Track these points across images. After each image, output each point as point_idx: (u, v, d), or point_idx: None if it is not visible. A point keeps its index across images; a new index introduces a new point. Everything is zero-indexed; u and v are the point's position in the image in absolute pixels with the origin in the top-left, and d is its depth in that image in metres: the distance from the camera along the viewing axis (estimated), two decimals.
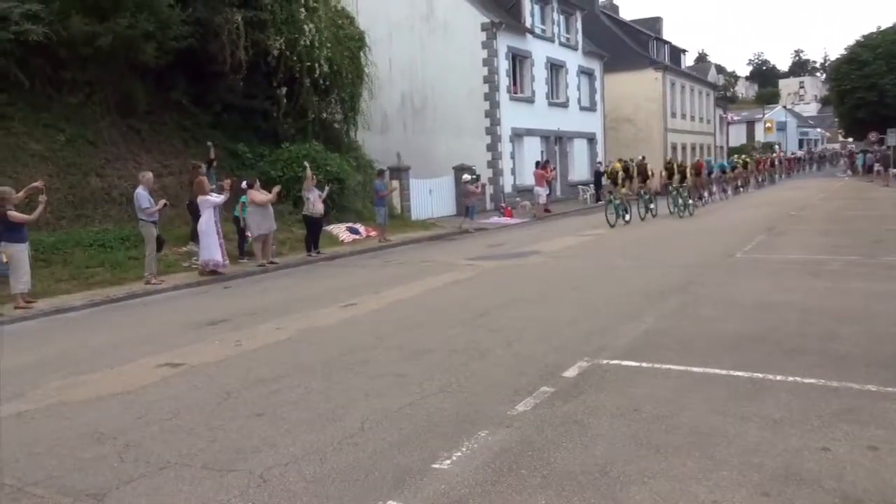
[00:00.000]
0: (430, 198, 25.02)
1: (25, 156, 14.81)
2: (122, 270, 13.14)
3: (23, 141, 15.00)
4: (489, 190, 27.91)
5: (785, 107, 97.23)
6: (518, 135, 29.97)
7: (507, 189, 28.80)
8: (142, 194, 12.57)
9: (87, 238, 13.95)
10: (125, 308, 11.04)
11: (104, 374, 6.84)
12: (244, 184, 14.54)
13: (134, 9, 15.76)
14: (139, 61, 16.62)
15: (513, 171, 29.40)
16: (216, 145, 17.05)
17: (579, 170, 35.40)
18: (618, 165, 28.03)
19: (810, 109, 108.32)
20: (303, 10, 19.87)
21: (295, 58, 19.69)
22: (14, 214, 10.47)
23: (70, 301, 11.21)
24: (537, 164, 27.46)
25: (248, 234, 14.59)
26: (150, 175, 13.12)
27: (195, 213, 13.69)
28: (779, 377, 5.56)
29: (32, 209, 11.01)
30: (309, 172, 15.95)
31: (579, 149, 35.74)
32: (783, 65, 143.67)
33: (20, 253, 10.64)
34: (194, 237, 14.00)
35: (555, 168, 30.33)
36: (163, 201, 13.02)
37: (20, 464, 4.62)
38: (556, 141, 33.43)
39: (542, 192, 25.87)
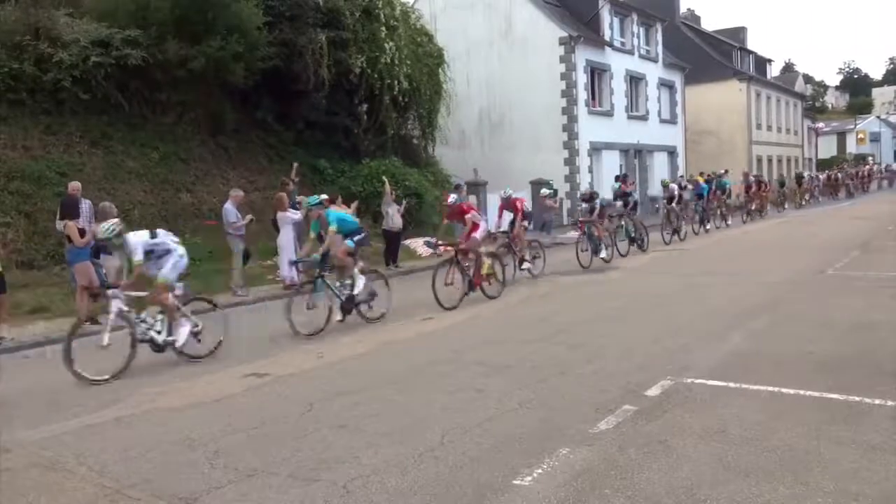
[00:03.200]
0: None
1: (123, 173, 15.63)
2: (210, 282, 13.62)
3: (120, 159, 15.84)
4: (566, 205, 27.66)
5: (879, 117, 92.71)
6: (596, 149, 29.62)
7: (584, 204, 28.43)
8: (229, 209, 13.04)
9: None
10: (210, 319, 11.41)
11: (194, 383, 7.11)
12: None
13: (225, 32, 16.47)
14: (228, 82, 17.32)
15: (591, 185, 29.03)
16: (299, 163, 17.51)
17: (659, 183, 34.61)
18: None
19: None
20: (383, 29, 20.31)
21: (375, 75, 20.11)
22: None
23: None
24: (616, 177, 27.03)
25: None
26: (241, 193, 13.62)
27: (278, 228, 14.10)
28: (877, 401, 5.29)
29: (128, 221, 11.58)
30: (388, 187, 16.19)
31: (659, 162, 35.02)
32: (876, 73, 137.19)
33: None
34: (277, 251, 14.41)
35: (634, 182, 29.79)
36: (249, 216, 13.45)
37: (118, 466, 4.85)
38: (636, 154, 32.88)
39: (619, 206, 25.38)
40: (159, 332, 7.92)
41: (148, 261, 7.80)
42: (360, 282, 9.89)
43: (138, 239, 7.78)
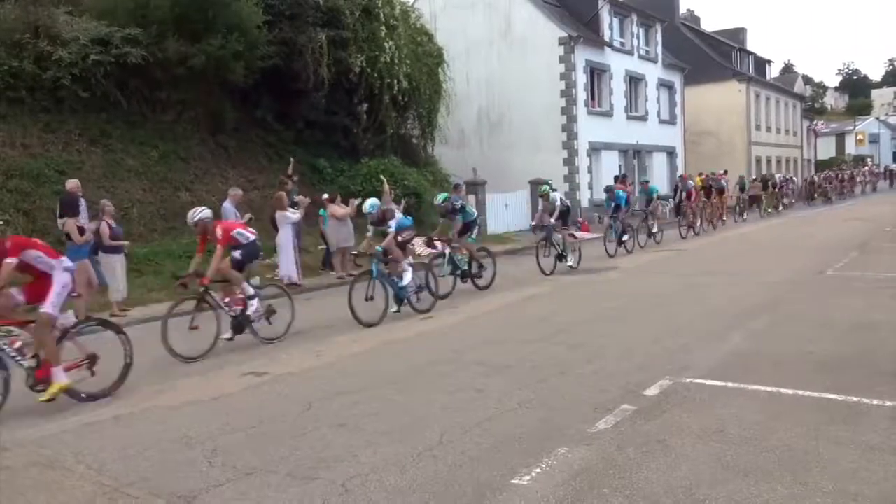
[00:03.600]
0: (506, 212, 24.97)
1: (122, 171, 15.62)
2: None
3: (120, 157, 15.83)
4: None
5: (878, 118, 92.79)
6: (595, 149, 29.63)
7: (584, 203, 28.47)
8: (228, 208, 13.03)
9: (177, 250, 14.52)
10: (211, 318, 11.41)
11: (193, 381, 7.11)
12: (325, 196, 14.95)
13: (225, 30, 16.46)
14: (228, 80, 17.31)
15: (590, 186, 29.05)
16: (298, 161, 17.50)
17: (658, 184, 34.57)
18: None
19: None
20: (383, 28, 20.30)
21: (375, 75, 20.11)
22: (106, 231, 10.99)
23: (161, 310, 11.64)
24: (616, 178, 27.05)
25: (322, 247, 15.01)
26: (239, 192, 13.62)
27: (277, 227, 14.09)
28: (876, 401, 5.29)
29: (127, 219, 11.62)
30: (386, 187, 16.18)
31: (658, 162, 35.03)
32: (876, 74, 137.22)
33: (117, 264, 11.18)
34: (276, 250, 14.40)
35: (633, 182, 29.83)
36: (248, 215, 13.43)
37: (116, 464, 4.84)
38: (635, 155, 32.89)
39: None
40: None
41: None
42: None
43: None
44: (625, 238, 17.65)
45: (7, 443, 5.38)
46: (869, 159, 73.04)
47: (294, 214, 13.72)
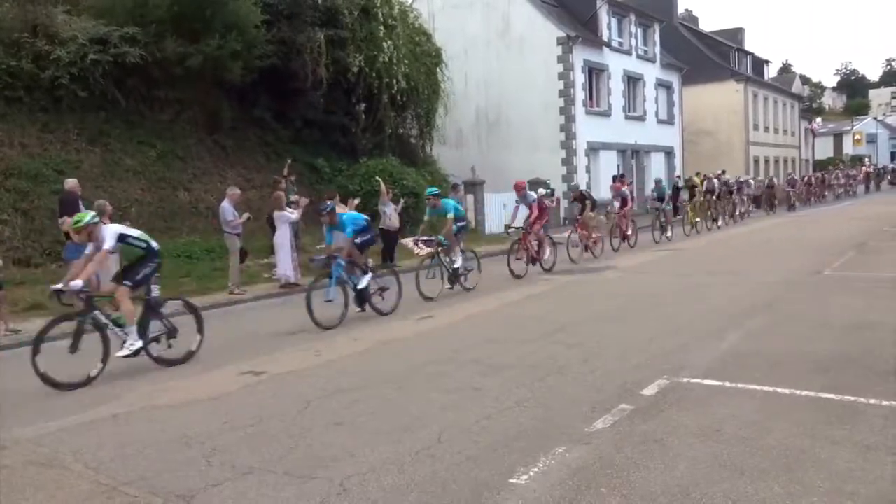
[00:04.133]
0: (504, 212, 24.95)
1: (120, 170, 15.63)
2: (207, 281, 13.63)
3: (118, 157, 15.84)
4: (564, 204, 27.70)
5: (876, 118, 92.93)
6: (594, 148, 29.67)
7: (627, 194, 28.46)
8: (226, 207, 13.03)
9: (174, 249, 14.54)
10: (209, 317, 11.35)
11: (191, 381, 7.11)
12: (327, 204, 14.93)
13: (223, 30, 16.48)
14: (226, 80, 17.33)
15: (588, 185, 29.07)
16: (294, 160, 17.48)
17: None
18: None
19: None
20: (382, 28, 20.33)
21: (374, 74, 20.13)
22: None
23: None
24: (614, 177, 27.09)
25: (321, 246, 14.95)
26: (237, 191, 13.62)
27: (274, 227, 14.10)
28: (872, 401, 5.31)
29: (125, 218, 11.62)
30: (383, 187, 16.18)
31: (657, 162, 35.09)
32: (873, 74, 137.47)
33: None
34: (274, 249, 14.41)
35: (631, 182, 29.85)
36: (246, 214, 13.44)
37: (114, 463, 4.85)
38: (633, 154, 32.93)
39: (617, 206, 25.43)
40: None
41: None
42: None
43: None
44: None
45: (5, 441, 5.38)
46: (867, 159, 73.17)
47: (292, 214, 13.72)
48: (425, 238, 13.44)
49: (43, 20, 15.50)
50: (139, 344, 7.53)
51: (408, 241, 18.40)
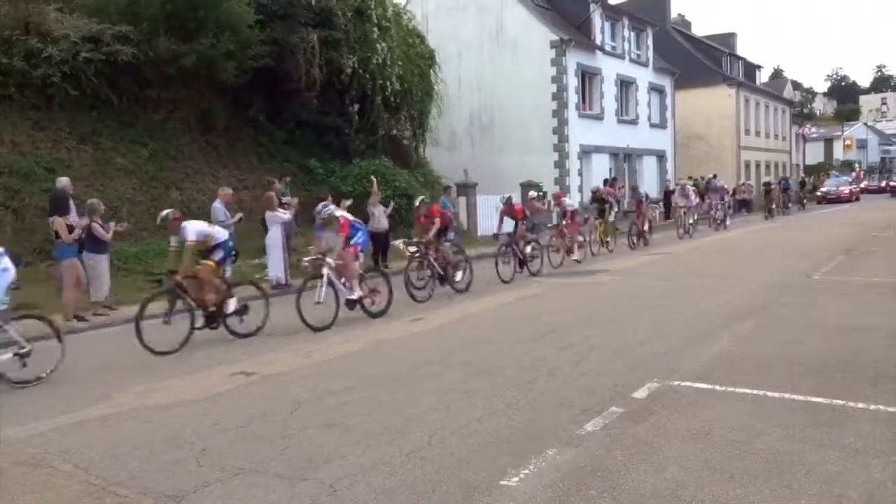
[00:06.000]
0: (497, 214, 24.99)
1: (112, 170, 15.55)
2: None
3: (110, 156, 15.77)
4: (556, 208, 27.72)
5: (866, 124, 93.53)
6: (586, 152, 29.73)
7: (575, 206, 28.54)
8: (218, 207, 13.00)
9: (166, 249, 14.46)
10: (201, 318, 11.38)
11: (182, 381, 7.09)
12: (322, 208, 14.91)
13: (216, 29, 16.43)
14: (219, 80, 17.28)
15: (580, 189, 29.15)
16: (288, 161, 17.46)
17: (648, 187, 34.71)
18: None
19: (893, 127, 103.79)
20: (375, 29, 20.32)
21: (367, 76, 20.12)
22: (98, 229, 10.93)
23: (151, 309, 11.63)
24: (605, 181, 27.16)
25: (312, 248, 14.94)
26: (229, 191, 13.58)
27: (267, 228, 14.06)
28: (860, 405, 5.35)
29: (117, 219, 11.57)
30: (375, 188, 16.17)
31: (649, 166, 35.21)
32: (864, 80, 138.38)
33: (100, 263, 11.11)
34: (266, 250, 14.36)
35: (623, 185, 29.92)
36: (238, 215, 13.42)
37: (104, 464, 4.83)
38: (626, 158, 33.02)
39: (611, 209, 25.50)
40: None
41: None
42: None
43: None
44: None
45: None
46: (857, 164, 73.62)
47: (284, 215, 13.70)
48: (416, 240, 13.39)
49: (35, 18, 15.41)
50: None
51: (398, 243, 18.38)
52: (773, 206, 31.67)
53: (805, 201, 38.68)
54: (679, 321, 9.02)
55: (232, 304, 9.20)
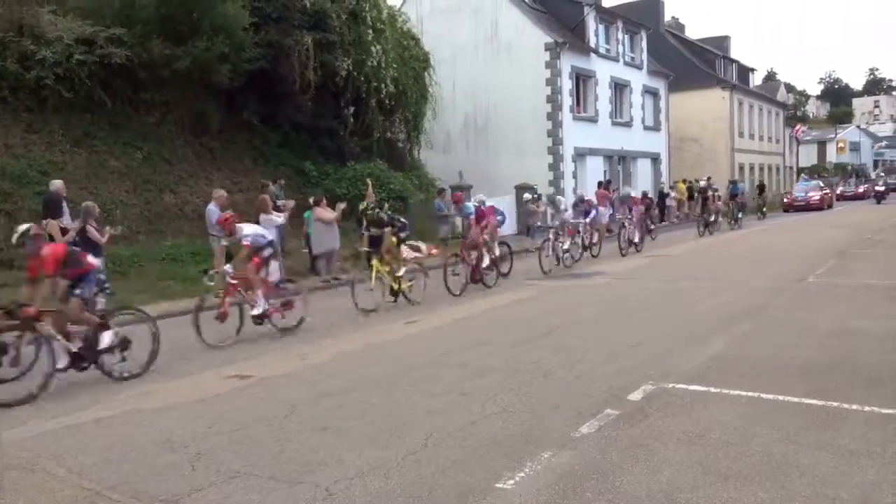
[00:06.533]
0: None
1: (105, 172, 15.50)
2: (193, 283, 13.53)
3: (103, 158, 15.71)
4: (550, 210, 27.77)
5: (859, 126, 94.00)
6: (581, 154, 29.78)
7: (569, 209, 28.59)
8: (212, 210, 12.96)
9: (160, 252, 14.46)
10: None
11: (176, 384, 7.07)
12: (311, 200, 14.93)
13: (210, 32, 16.40)
14: (213, 82, 17.24)
15: (575, 191, 29.18)
16: (283, 163, 17.43)
17: (643, 190, 34.85)
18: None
19: (886, 129, 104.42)
20: (370, 31, 20.31)
21: (362, 78, 20.11)
22: (92, 232, 10.89)
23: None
24: (599, 184, 27.22)
25: (305, 250, 15.00)
26: (223, 193, 13.55)
27: None
28: (855, 406, 5.36)
29: (110, 222, 11.53)
30: (369, 191, 16.16)
31: (643, 168, 35.28)
32: (857, 83, 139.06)
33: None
34: None
35: (617, 188, 29.97)
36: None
37: (97, 468, 4.81)
38: (620, 161, 33.08)
39: (604, 212, 25.55)
40: None
41: None
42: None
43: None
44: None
45: None
46: (849, 167, 73.96)
47: (278, 218, 13.67)
48: (411, 243, 13.43)
49: (29, 20, 15.36)
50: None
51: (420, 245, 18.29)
52: (713, 219, 24.91)
53: (765, 210, 33.70)
54: (673, 323, 9.04)
55: (107, 338, 7.49)
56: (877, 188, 46.94)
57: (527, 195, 23.49)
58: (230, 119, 19.08)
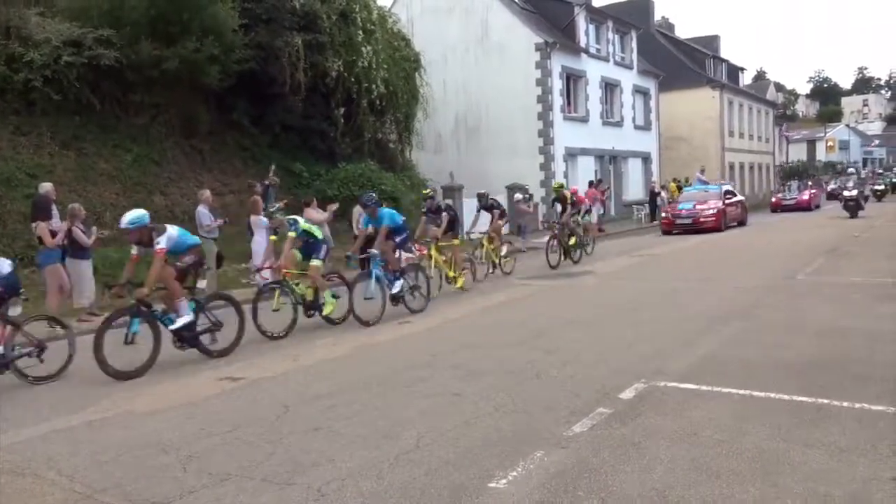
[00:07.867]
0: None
1: (95, 175, 15.43)
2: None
3: (93, 161, 15.64)
4: (542, 209, 27.83)
5: (848, 125, 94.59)
6: (572, 154, 29.86)
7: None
8: (202, 212, 12.93)
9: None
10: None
11: (168, 386, 7.04)
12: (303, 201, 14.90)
13: (200, 33, 16.35)
14: (203, 84, 17.19)
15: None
16: (275, 172, 17.34)
17: (634, 189, 35.03)
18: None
19: (875, 128, 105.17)
20: (360, 32, 20.31)
21: (352, 79, 20.10)
22: (78, 234, 10.83)
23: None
24: (590, 183, 27.28)
25: None
26: (208, 192, 13.50)
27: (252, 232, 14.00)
28: (845, 403, 5.39)
29: (100, 223, 11.48)
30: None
31: (634, 168, 35.41)
32: (846, 82, 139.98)
33: (84, 269, 11.01)
34: (252, 255, 14.30)
35: (608, 188, 30.06)
36: (223, 218, 13.34)
37: (89, 471, 4.78)
38: (611, 160, 33.19)
39: (595, 211, 25.64)
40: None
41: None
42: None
43: None
44: None
45: None
46: (839, 165, 74.39)
47: (266, 220, 13.62)
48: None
49: (16, 22, 15.28)
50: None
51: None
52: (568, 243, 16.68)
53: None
54: (664, 323, 9.06)
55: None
56: (845, 193, 29.46)
57: (518, 195, 23.54)
58: (220, 120, 19.03)
